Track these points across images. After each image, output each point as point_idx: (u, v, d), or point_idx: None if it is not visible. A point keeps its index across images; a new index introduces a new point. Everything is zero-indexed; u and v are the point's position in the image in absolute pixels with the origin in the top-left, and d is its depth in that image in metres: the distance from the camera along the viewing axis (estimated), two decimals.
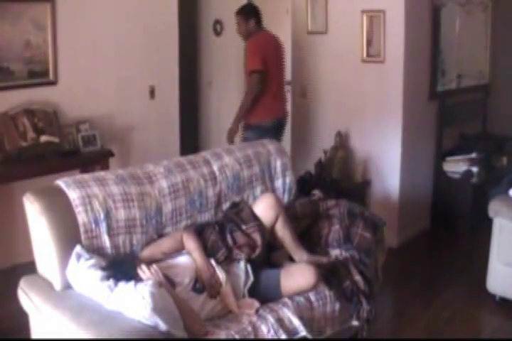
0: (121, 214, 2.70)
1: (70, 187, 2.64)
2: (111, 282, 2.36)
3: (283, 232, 2.90)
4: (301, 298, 2.70)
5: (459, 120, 5.10)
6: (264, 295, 2.67)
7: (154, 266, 2.47)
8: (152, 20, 4.65)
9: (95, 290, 2.38)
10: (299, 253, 2.93)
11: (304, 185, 4.18)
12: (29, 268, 2.76)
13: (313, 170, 4.67)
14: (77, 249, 2.51)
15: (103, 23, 4.34)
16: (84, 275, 2.42)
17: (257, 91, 4.35)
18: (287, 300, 2.67)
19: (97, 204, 2.63)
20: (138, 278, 2.39)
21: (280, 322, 2.54)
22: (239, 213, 2.93)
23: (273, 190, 3.33)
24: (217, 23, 6.09)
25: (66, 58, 4.14)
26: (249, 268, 2.71)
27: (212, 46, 6.20)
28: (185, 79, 5.60)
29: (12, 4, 3.82)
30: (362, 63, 4.53)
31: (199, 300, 2.54)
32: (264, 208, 2.89)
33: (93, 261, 2.46)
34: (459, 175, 4.84)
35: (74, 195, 2.61)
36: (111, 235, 2.65)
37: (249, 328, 2.46)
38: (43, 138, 3.95)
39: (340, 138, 4.64)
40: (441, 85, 4.84)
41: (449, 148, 5.05)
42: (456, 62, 5.09)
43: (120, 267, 2.45)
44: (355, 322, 2.89)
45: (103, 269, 2.42)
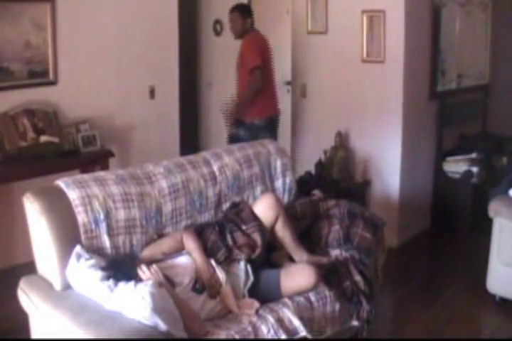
0: (121, 214, 2.70)
1: (70, 187, 2.64)
2: (111, 282, 2.36)
3: (283, 232, 2.90)
4: (301, 298, 2.70)
5: (459, 120, 5.10)
6: (264, 295, 2.67)
7: (154, 266, 2.47)
8: (152, 21, 4.66)
9: (95, 291, 2.38)
10: (299, 253, 2.93)
11: (304, 185, 4.17)
12: (29, 268, 2.75)
13: (313, 170, 4.66)
14: (77, 249, 2.51)
15: (103, 23, 4.34)
16: (84, 275, 2.42)
17: (259, 86, 4.38)
18: (287, 301, 2.67)
19: (96, 205, 2.63)
20: (138, 279, 2.38)
21: (280, 322, 2.53)
22: (239, 213, 2.92)
23: (273, 190, 3.32)
24: (217, 23, 6.09)
25: (66, 58, 4.14)
26: (249, 268, 2.71)
27: (212, 46, 6.20)
28: (185, 79, 5.60)
29: (12, 4, 3.82)
30: (362, 63, 4.52)
31: (199, 300, 2.54)
32: (264, 208, 2.89)
33: (93, 261, 2.46)
34: (459, 175, 4.84)
35: (74, 195, 2.61)
36: (111, 235, 2.65)
37: (249, 328, 2.46)
38: (43, 138, 3.95)
39: (340, 138, 4.64)
40: (441, 85, 4.84)
41: (449, 148, 5.05)
42: (456, 62, 5.08)
43: (120, 267, 2.45)
44: (355, 322, 2.89)
45: (103, 269, 2.42)
